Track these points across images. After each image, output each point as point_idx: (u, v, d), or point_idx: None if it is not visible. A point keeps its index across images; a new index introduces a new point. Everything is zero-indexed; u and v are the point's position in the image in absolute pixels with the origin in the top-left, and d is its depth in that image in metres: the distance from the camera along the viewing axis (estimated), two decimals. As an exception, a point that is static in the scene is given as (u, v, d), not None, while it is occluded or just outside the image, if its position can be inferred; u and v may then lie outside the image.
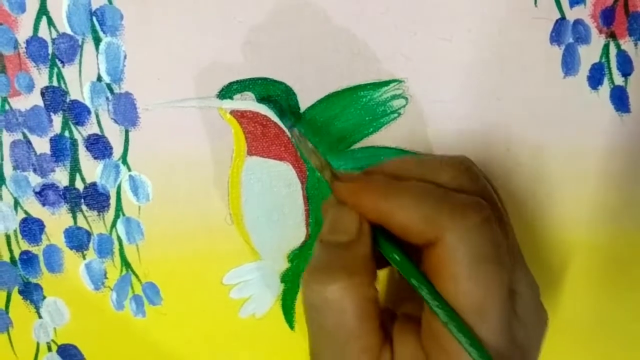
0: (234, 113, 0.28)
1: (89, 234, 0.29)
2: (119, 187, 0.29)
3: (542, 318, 0.24)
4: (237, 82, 0.28)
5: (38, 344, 0.30)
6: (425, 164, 0.24)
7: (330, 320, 0.22)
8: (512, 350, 0.22)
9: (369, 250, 0.23)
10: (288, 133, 0.28)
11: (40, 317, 0.30)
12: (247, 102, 0.28)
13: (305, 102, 0.29)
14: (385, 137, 0.29)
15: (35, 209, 0.28)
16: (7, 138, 0.28)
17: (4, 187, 0.28)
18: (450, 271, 0.21)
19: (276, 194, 0.29)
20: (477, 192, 0.23)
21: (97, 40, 0.27)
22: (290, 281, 0.31)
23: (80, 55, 0.27)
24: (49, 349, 0.30)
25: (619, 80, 0.30)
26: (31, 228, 0.29)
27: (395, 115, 0.29)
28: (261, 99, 0.28)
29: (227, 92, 0.28)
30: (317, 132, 0.29)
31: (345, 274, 0.22)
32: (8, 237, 0.29)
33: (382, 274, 0.28)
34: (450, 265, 0.21)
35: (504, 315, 0.21)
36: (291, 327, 0.31)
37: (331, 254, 0.23)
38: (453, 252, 0.21)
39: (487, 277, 0.21)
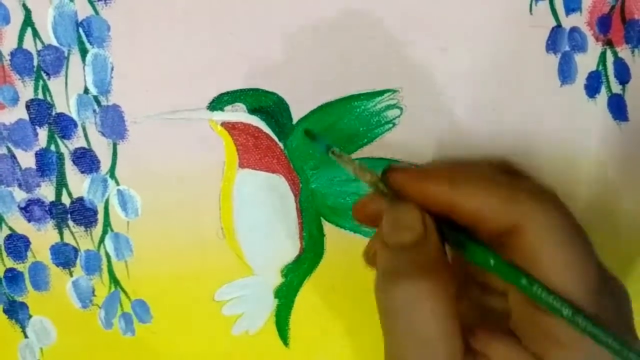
0: (225, 125, 0.28)
1: (76, 251, 0.28)
2: (106, 202, 0.28)
3: (622, 287, 0.23)
4: (227, 93, 0.27)
5: (24, 364, 0.29)
6: (475, 164, 0.24)
7: (415, 324, 0.21)
8: (619, 324, 0.21)
9: (439, 244, 0.22)
10: (282, 149, 0.28)
11: (26, 336, 0.29)
12: (238, 114, 0.28)
13: (298, 113, 0.28)
14: (380, 148, 0.29)
15: (21, 225, 0.28)
16: (-9, 152, 0.27)
17: (-13, 203, 0.27)
18: (546, 255, 0.20)
19: (269, 207, 0.29)
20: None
21: (83, 52, 0.26)
22: (284, 296, 0.30)
23: (67, 67, 0.26)
24: (35, 370, 0.29)
25: (616, 88, 0.30)
26: (16, 245, 0.28)
27: (390, 125, 0.29)
28: (253, 110, 0.28)
29: (217, 103, 0.27)
30: (310, 143, 0.28)
31: (425, 273, 0.21)
32: (-8, 255, 0.28)
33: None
34: (544, 249, 0.20)
35: (606, 289, 0.21)
36: (285, 343, 0.30)
37: (402, 255, 0.22)
38: (545, 235, 0.20)
39: (581, 250, 0.20)
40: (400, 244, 0.22)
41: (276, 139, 0.28)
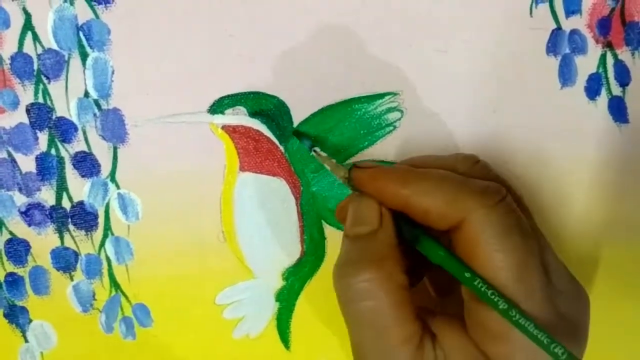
0: (225, 128, 0.28)
1: (76, 255, 0.28)
2: (107, 206, 0.28)
3: (580, 290, 0.24)
4: (228, 96, 0.27)
5: (24, 369, 0.29)
6: (440, 159, 0.25)
7: (366, 312, 0.22)
8: (558, 322, 0.22)
9: (393, 237, 0.23)
10: (283, 152, 0.28)
11: (26, 341, 0.29)
12: (239, 117, 0.28)
13: (298, 116, 0.28)
14: (380, 150, 0.29)
15: (21, 229, 0.28)
16: (-9, 157, 0.27)
17: (-12, 207, 0.27)
18: (483, 249, 0.21)
19: (270, 211, 0.29)
20: (492, 180, 0.23)
21: (83, 56, 0.26)
22: (286, 300, 0.30)
23: (67, 71, 0.26)
24: (36, 375, 0.29)
25: (616, 90, 0.30)
26: (16, 249, 0.28)
27: (391, 128, 0.29)
28: (253, 114, 0.28)
29: (218, 107, 0.27)
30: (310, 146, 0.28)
31: (374, 264, 0.22)
32: (-8, 259, 0.28)
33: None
34: (481, 244, 0.21)
35: (543, 286, 0.22)
36: (287, 347, 0.30)
37: (357, 247, 0.23)
38: (482, 230, 0.21)
39: (519, 247, 0.22)
40: (357, 235, 0.23)
41: (277, 142, 0.28)
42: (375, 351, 0.22)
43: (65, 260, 0.28)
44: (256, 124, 0.28)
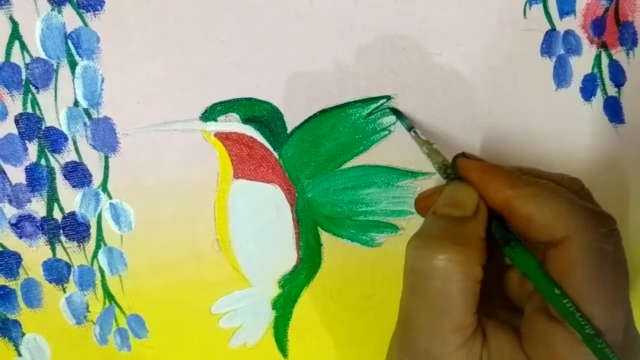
0: (218, 135, 0.27)
1: (69, 266, 0.28)
2: (99, 216, 0.27)
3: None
4: (220, 103, 0.27)
5: (17, 383, 0.28)
6: (545, 174, 0.24)
7: (433, 288, 0.22)
8: (630, 354, 0.22)
9: (482, 230, 0.23)
10: (277, 158, 0.28)
11: (19, 355, 0.28)
12: (231, 124, 0.27)
13: (292, 121, 0.28)
14: (376, 155, 0.28)
15: (12, 241, 0.27)
16: (-20, 168, 0.26)
17: (-23, 220, 0.27)
18: (579, 273, 0.21)
19: (265, 218, 0.28)
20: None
21: (72, 64, 0.26)
22: (282, 307, 0.29)
23: (56, 80, 0.26)
24: (30, 389, 0.28)
25: (612, 90, 0.30)
26: (7, 262, 0.27)
27: (386, 132, 0.28)
28: (246, 120, 0.27)
29: (210, 113, 0.27)
30: (305, 152, 0.28)
31: (458, 246, 0.22)
32: (-17, 273, 0.27)
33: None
34: (579, 268, 0.21)
35: (625, 326, 0.21)
36: (284, 355, 0.30)
37: (444, 225, 0.23)
38: (584, 254, 0.21)
39: (616, 283, 0.21)
40: (447, 216, 0.23)
41: (271, 148, 0.28)
42: (427, 328, 0.22)
43: (57, 272, 0.28)
44: (249, 131, 0.27)
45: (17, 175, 0.27)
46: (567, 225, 0.21)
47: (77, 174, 0.27)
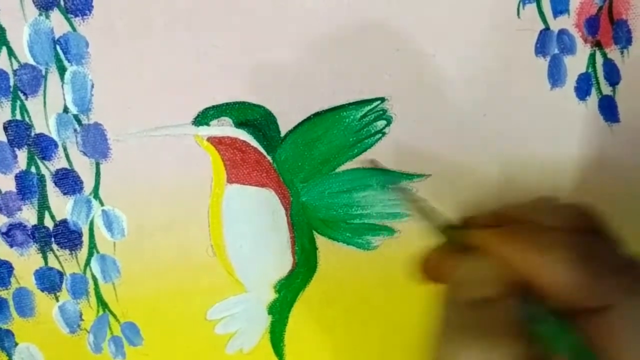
0: (211, 140, 0.27)
1: (61, 275, 0.27)
2: (91, 224, 0.27)
3: None
4: (213, 107, 0.27)
5: (11, 394, 0.28)
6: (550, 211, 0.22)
7: None
8: None
9: (516, 309, 0.19)
10: (271, 162, 0.27)
11: (12, 364, 0.28)
12: (224, 128, 0.27)
13: (285, 125, 0.27)
14: (370, 158, 0.28)
15: (3, 250, 0.27)
16: (-31, 177, 0.26)
17: (-33, 229, 0.26)
18: (627, 344, 0.19)
19: (259, 222, 0.28)
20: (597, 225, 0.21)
21: (61, 70, 0.25)
22: (278, 312, 0.29)
23: (45, 86, 0.26)
24: (23, 399, 0.28)
25: (606, 89, 0.29)
26: (-1, 271, 0.27)
27: (380, 135, 0.28)
28: (239, 124, 0.27)
29: (203, 118, 0.27)
30: (299, 155, 0.28)
31: (497, 338, 0.18)
32: (-26, 282, 0.27)
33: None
34: (628, 339, 0.19)
35: None
36: (281, 360, 0.30)
37: (473, 313, 0.19)
38: (628, 323, 0.19)
39: None
40: (473, 300, 0.20)
41: (264, 152, 0.28)
42: None
43: (49, 281, 0.27)
44: (242, 135, 0.27)
45: (6, 183, 0.26)
46: (606, 295, 0.19)
47: (68, 181, 0.27)
